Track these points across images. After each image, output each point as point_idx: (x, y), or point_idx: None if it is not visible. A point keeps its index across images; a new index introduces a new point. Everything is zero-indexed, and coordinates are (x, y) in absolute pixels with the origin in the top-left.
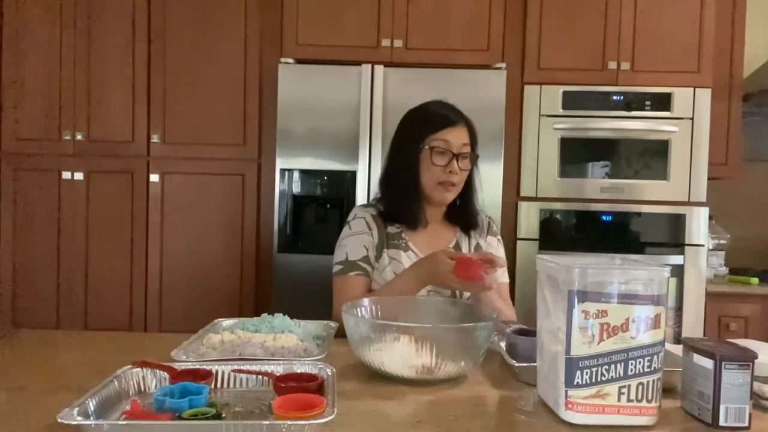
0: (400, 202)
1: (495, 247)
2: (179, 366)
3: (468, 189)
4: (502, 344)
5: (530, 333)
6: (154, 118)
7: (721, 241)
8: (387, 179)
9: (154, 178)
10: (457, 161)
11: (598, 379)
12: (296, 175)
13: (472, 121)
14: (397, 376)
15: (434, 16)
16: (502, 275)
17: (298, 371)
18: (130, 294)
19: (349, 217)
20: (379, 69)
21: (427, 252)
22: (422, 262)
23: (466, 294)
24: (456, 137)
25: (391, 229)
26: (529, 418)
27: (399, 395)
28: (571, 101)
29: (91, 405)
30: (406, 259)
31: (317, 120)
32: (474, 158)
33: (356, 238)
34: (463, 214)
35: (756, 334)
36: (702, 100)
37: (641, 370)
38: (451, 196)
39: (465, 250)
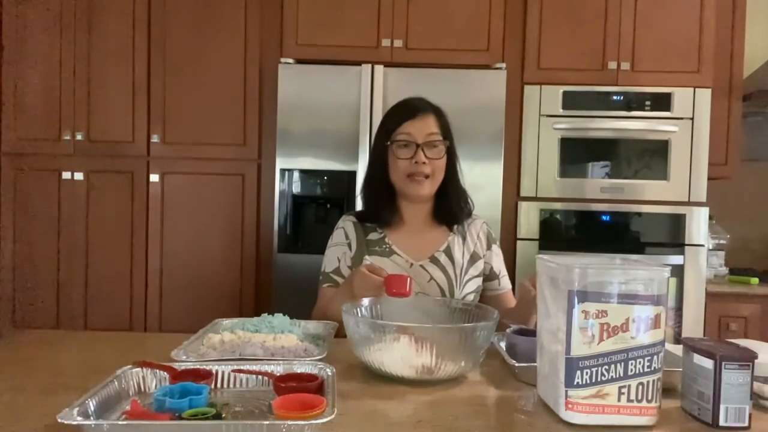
0: (373, 202)
1: (496, 256)
2: (179, 366)
3: (447, 181)
4: (502, 344)
5: (530, 333)
6: (154, 118)
7: (721, 241)
8: (363, 182)
9: (154, 178)
10: (424, 151)
11: (598, 379)
12: (296, 175)
13: (445, 111)
14: (397, 376)
15: (434, 16)
16: (506, 283)
17: (298, 371)
18: (130, 294)
19: (336, 225)
20: (379, 69)
21: (415, 256)
22: (352, 277)
23: (469, 297)
24: (419, 128)
25: (373, 235)
26: (529, 418)
27: (399, 395)
28: (571, 101)
29: (91, 405)
30: (391, 264)
31: (317, 120)
32: (450, 146)
33: (333, 250)
34: (445, 207)
35: (756, 334)
36: (702, 100)
37: (641, 370)
38: (425, 188)
39: (458, 255)
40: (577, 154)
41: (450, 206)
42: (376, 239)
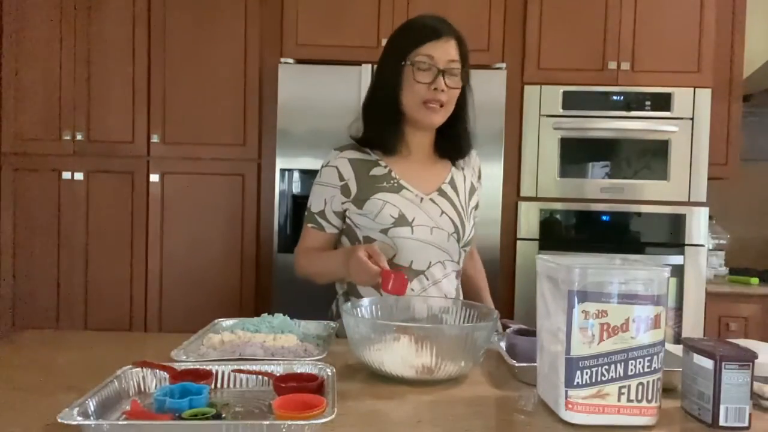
0: (377, 126)
1: (481, 188)
2: (179, 366)
3: (459, 111)
4: (502, 344)
5: (530, 333)
6: (154, 118)
7: (721, 241)
8: (367, 102)
9: (154, 178)
10: (444, 78)
11: (598, 379)
12: (296, 175)
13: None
14: (397, 376)
15: None
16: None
17: (298, 371)
18: (130, 294)
19: (324, 161)
20: None
21: (423, 189)
22: (349, 257)
23: (472, 232)
24: (442, 52)
25: (377, 170)
26: (529, 418)
27: (399, 395)
28: (571, 101)
29: (91, 405)
30: (402, 200)
31: (317, 120)
32: (465, 75)
33: (320, 189)
34: (453, 138)
35: (756, 334)
36: (702, 100)
37: (641, 370)
38: (439, 118)
39: (462, 188)
40: (577, 154)
41: (458, 139)
42: (382, 174)
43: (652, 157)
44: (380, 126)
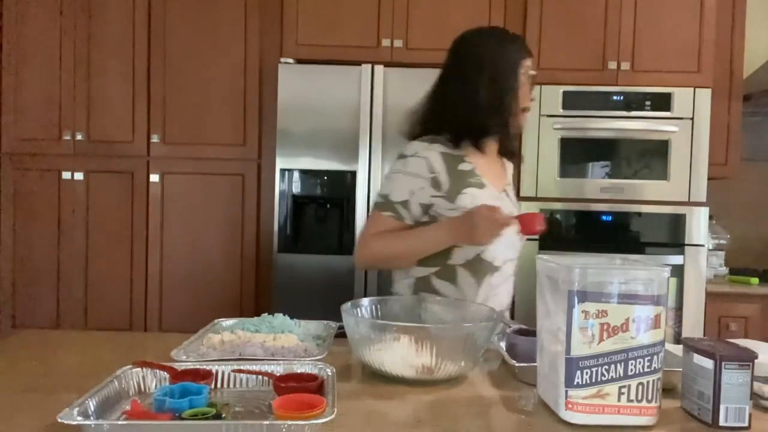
0: (500, 122)
1: None
2: (179, 366)
3: None
4: (502, 344)
5: (530, 333)
6: (154, 118)
7: (721, 241)
8: (488, 100)
9: (154, 178)
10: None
11: (598, 379)
12: (296, 175)
13: None
14: (397, 376)
15: (434, 16)
16: None
17: (298, 371)
18: (130, 294)
19: (408, 151)
20: (379, 69)
21: (498, 187)
22: (468, 217)
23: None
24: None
25: (464, 166)
26: (529, 418)
27: (399, 395)
28: (571, 101)
29: (91, 405)
30: (487, 196)
31: (317, 120)
32: None
33: (406, 179)
34: (512, 141)
35: (756, 334)
36: (702, 100)
37: (641, 370)
38: None
39: (512, 186)
40: (577, 154)
41: (515, 141)
42: (468, 170)
43: (652, 157)
44: (503, 123)
